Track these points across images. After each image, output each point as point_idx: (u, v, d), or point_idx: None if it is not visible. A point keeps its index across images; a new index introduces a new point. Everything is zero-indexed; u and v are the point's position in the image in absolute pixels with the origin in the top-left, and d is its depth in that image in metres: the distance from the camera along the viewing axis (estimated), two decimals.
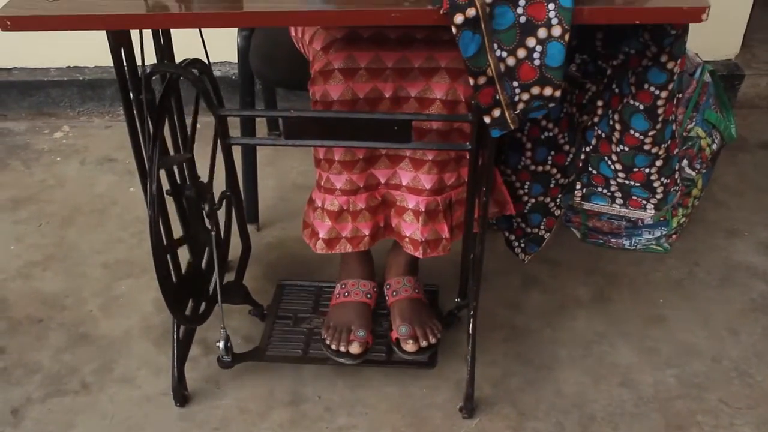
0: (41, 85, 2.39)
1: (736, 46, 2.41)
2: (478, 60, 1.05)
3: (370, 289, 1.53)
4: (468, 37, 1.02)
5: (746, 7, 2.34)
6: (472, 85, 1.07)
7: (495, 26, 1.02)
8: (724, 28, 2.32)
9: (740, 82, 2.37)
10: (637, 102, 1.27)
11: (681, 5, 1.04)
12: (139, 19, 1.07)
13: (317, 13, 1.05)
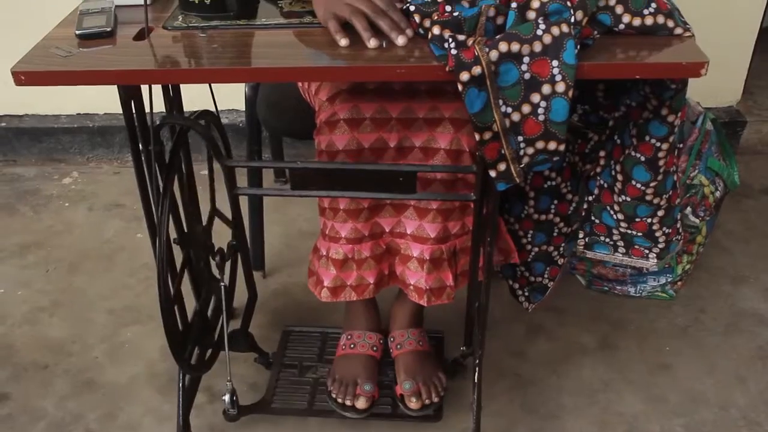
0: (52, 132, 2.43)
1: (738, 93, 2.44)
2: (483, 116, 1.07)
3: (376, 342, 1.54)
4: (474, 94, 1.04)
5: (746, 54, 2.37)
6: (477, 140, 1.09)
7: (500, 83, 1.04)
8: (726, 75, 2.35)
9: (742, 129, 2.39)
10: (639, 153, 1.28)
11: (680, 61, 1.06)
12: (150, 74, 1.10)
13: (325, 70, 1.08)
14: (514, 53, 1.02)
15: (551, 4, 1.04)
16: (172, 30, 1.19)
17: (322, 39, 1.13)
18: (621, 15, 1.10)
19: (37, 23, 2.17)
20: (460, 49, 1.02)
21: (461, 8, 1.10)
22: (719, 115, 2.37)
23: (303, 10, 1.22)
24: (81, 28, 1.17)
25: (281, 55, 1.09)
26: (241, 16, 1.21)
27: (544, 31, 1.02)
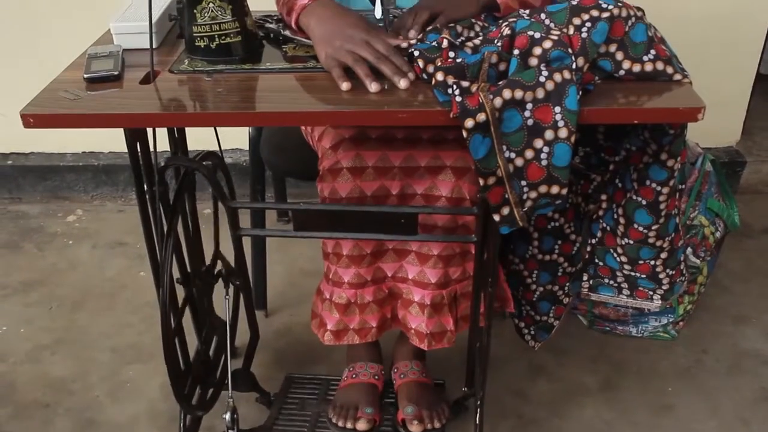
0: (57, 170, 2.45)
1: (737, 134, 2.46)
2: (488, 161, 1.08)
3: (377, 371, 1.55)
4: (478, 140, 1.06)
5: (745, 95, 2.39)
6: (481, 185, 1.11)
7: (504, 129, 1.06)
8: (725, 115, 2.38)
9: (742, 169, 2.40)
10: (640, 197, 1.30)
11: (677, 106, 1.08)
12: (155, 118, 1.12)
13: (327, 114, 1.09)
14: (518, 100, 1.04)
15: (553, 51, 1.07)
16: (179, 73, 1.21)
17: (325, 83, 1.15)
18: (621, 61, 1.12)
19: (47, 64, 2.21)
20: (465, 96, 1.04)
21: (464, 54, 1.12)
22: (719, 156, 2.38)
23: (306, 54, 1.25)
24: (89, 71, 1.20)
25: (285, 100, 1.11)
26: (246, 61, 1.23)
27: (546, 78, 1.04)
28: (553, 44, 1.07)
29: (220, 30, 1.22)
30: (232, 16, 1.21)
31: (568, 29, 1.11)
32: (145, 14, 1.19)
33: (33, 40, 2.27)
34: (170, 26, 1.40)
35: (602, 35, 1.10)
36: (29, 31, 2.26)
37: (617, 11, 1.12)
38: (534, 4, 1.29)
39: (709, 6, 2.21)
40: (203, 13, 1.21)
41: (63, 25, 2.22)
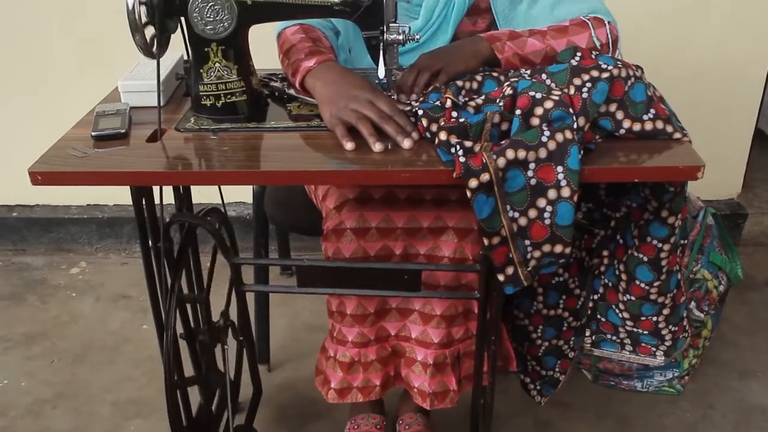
0: (61, 222, 2.46)
1: (738, 186, 2.47)
2: (492, 221, 1.09)
3: (379, 421, 1.55)
4: (482, 200, 1.07)
5: (745, 148, 2.41)
6: (486, 244, 1.11)
7: (507, 188, 1.07)
8: (725, 168, 2.40)
9: (744, 221, 2.41)
10: (641, 254, 1.30)
11: (677, 164, 1.09)
12: (161, 176, 1.13)
13: (331, 173, 1.11)
14: (521, 160, 1.05)
15: (554, 111, 1.08)
16: (185, 132, 1.23)
17: (329, 142, 1.16)
18: (621, 120, 1.13)
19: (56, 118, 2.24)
20: (468, 156, 1.05)
21: (467, 114, 1.14)
22: (720, 208, 2.39)
23: (311, 113, 1.27)
24: (97, 129, 1.22)
25: (289, 159, 1.12)
26: (251, 119, 1.25)
27: (548, 138, 1.05)
28: (554, 104, 1.09)
29: (226, 89, 1.24)
30: (237, 75, 1.24)
31: (569, 89, 1.13)
32: (153, 73, 1.21)
33: (43, 96, 2.30)
34: (177, 84, 1.42)
35: (602, 95, 1.12)
36: (39, 87, 2.29)
37: (617, 71, 1.14)
38: (534, 61, 1.31)
39: (707, 62, 2.25)
40: (210, 72, 1.23)
41: (72, 81, 2.26)
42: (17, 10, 2.19)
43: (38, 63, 2.26)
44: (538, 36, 1.32)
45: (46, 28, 2.22)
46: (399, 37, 1.19)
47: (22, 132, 2.35)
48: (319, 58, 1.26)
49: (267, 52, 1.42)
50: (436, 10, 1.46)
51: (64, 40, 2.23)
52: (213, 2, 1.17)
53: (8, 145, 2.38)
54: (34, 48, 2.24)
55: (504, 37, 1.32)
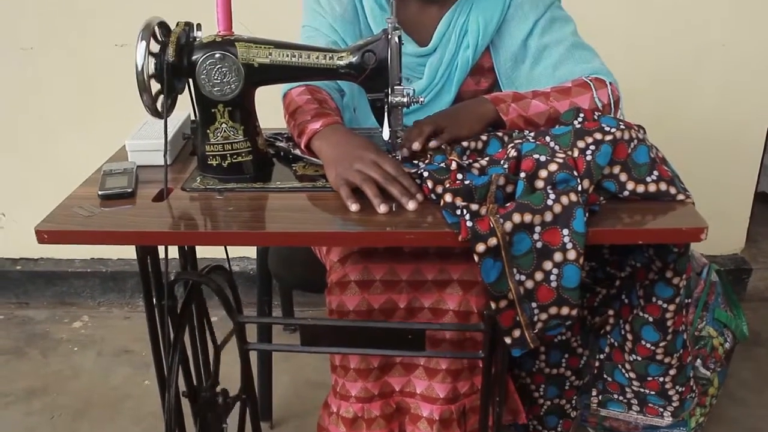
0: (65, 276, 2.46)
1: (741, 241, 2.47)
2: (499, 285, 1.09)
3: None
4: (489, 264, 1.07)
5: (747, 203, 2.42)
6: (493, 308, 1.11)
7: (514, 252, 1.07)
8: (728, 223, 2.40)
9: (748, 276, 2.41)
10: (646, 314, 1.30)
11: (680, 226, 1.10)
12: (166, 236, 1.14)
13: (335, 235, 1.12)
14: (527, 223, 1.06)
15: (558, 174, 1.09)
16: (191, 191, 1.24)
17: (333, 203, 1.17)
18: (625, 182, 1.14)
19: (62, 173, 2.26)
20: (475, 220, 1.06)
21: (472, 176, 1.15)
22: (724, 263, 2.39)
23: (316, 173, 1.28)
24: (104, 188, 1.23)
25: (294, 220, 1.13)
26: (257, 179, 1.26)
27: (554, 201, 1.06)
28: (558, 167, 1.10)
29: (232, 149, 1.25)
30: (244, 136, 1.25)
31: (573, 152, 1.14)
32: (160, 132, 1.23)
33: (49, 150, 2.32)
34: (183, 143, 1.43)
35: (606, 157, 1.13)
36: (46, 142, 2.32)
37: (620, 134, 1.15)
38: (538, 122, 1.32)
39: (708, 119, 2.27)
40: (216, 133, 1.24)
41: (79, 137, 2.28)
42: (25, 64, 2.23)
43: (45, 117, 2.29)
44: (541, 97, 1.34)
45: (54, 83, 2.25)
46: (403, 100, 1.21)
47: (28, 185, 2.37)
48: (325, 120, 1.28)
49: (272, 111, 1.43)
50: (439, 70, 1.48)
51: (71, 95, 2.26)
52: (220, 64, 1.19)
53: (13, 198, 2.40)
54: (41, 103, 2.28)
55: (508, 99, 1.33)
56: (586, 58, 1.43)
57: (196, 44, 1.21)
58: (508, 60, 1.49)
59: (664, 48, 2.20)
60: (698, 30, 2.18)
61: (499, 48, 1.49)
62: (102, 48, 2.18)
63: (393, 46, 1.19)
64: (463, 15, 1.47)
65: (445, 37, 1.48)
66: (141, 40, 1.15)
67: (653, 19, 2.17)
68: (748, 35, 2.18)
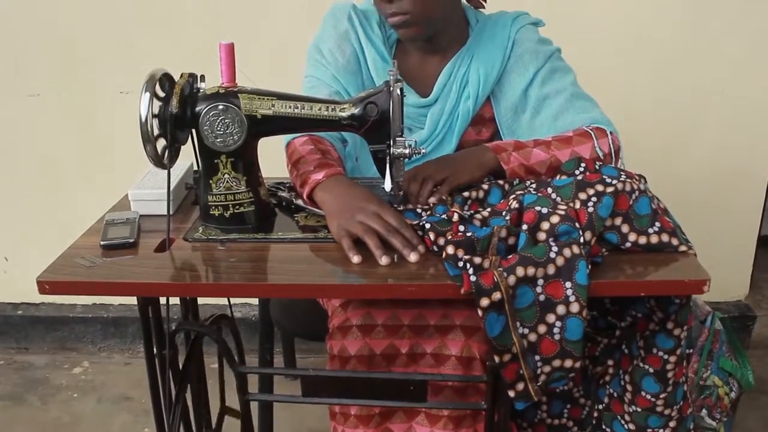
0: (66, 321, 2.46)
1: (745, 287, 2.46)
2: (503, 339, 1.09)
3: None
4: (493, 319, 1.07)
5: (750, 248, 2.42)
6: (497, 362, 1.11)
7: (517, 305, 1.07)
8: (731, 270, 2.40)
9: (753, 323, 2.39)
10: (647, 365, 1.29)
11: (683, 278, 1.10)
12: (168, 288, 1.14)
13: (337, 287, 1.12)
14: (530, 276, 1.06)
15: (560, 226, 1.09)
16: (193, 241, 1.24)
17: (335, 254, 1.17)
18: (627, 234, 1.14)
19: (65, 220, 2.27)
20: (479, 274, 1.06)
21: (474, 228, 1.16)
22: (728, 310, 2.38)
23: (318, 224, 1.28)
24: (106, 238, 1.23)
25: (296, 271, 1.13)
26: (259, 230, 1.26)
27: (556, 254, 1.06)
28: (560, 219, 1.10)
29: (235, 200, 1.26)
30: (246, 186, 1.26)
31: (575, 203, 1.14)
32: (163, 182, 1.24)
33: (53, 196, 2.34)
34: (186, 193, 1.44)
35: (608, 209, 1.13)
36: (50, 188, 2.33)
37: (621, 185, 1.15)
38: (540, 171, 1.33)
39: (709, 164, 2.28)
40: (219, 183, 1.25)
41: (83, 183, 2.30)
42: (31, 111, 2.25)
43: (49, 163, 2.31)
44: (542, 146, 1.34)
45: (59, 130, 2.27)
46: (405, 151, 1.22)
47: (31, 230, 2.38)
48: (328, 171, 1.28)
49: (275, 160, 1.44)
50: (441, 121, 1.49)
51: (76, 142, 2.28)
52: (223, 116, 1.21)
53: (16, 242, 2.41)
54: (46, 149, 2.29)
55: (509, 148, 1.34)
56: (587, 108, 1.44)
57: (200, 95, 1.22)
58: (508, 110, 1.50)
59: (663, 95, 2.22)
60: (697, 76, 2.20)
61: (500, 98, 1.50)
62: (107, 95, 2.20)
63: (395, 99, 1.20)
64: (464, 66, 1.49)
65: (446, 87, 1.50)
66: (145, 92, 1.17)
67: (651, 66, 2.19)
68: (747, 81, 2.20)
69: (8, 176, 2.33)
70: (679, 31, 2.15)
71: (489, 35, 1.50)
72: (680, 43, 2.16)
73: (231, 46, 1.23)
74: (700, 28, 2.15)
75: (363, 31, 1.49)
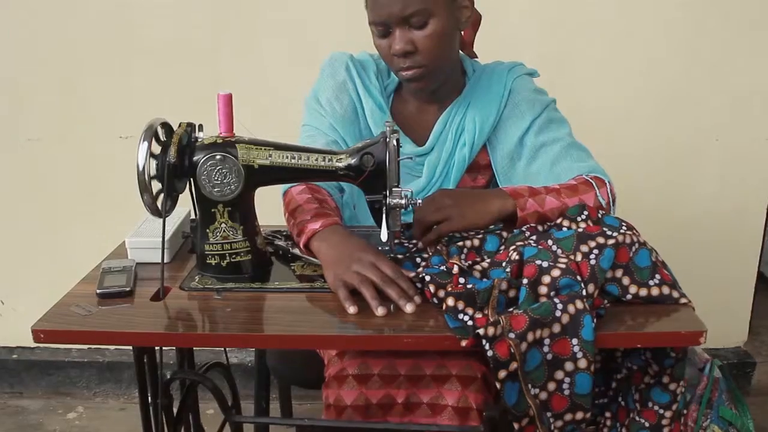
0: (61, 365, 2.44)
1: (744, 334, 2.46)
2: (520, 405, 1.09)
3: None
4: (510, 387, 1.07)
5: (748, 295, 2.41)
6: (516, 428, 1.11)
7: (526, 368, 1.07)
8: (730, 316, 2.39)
9: (752, 370, 2.38)
10: (643, 419, 1.28)
11: (679, 330, 1.10)
12: (163, 338, 1.14)
13: (333, 338, 1.12)
14: (537, 339, 1.06)
15: (561, 279, 1.10)
16: (189, 290, 1.24)
17: (332, 305, 1.17)
18: (628, 286, 1.15)
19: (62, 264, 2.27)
20: (493, 344, 1.05)
21: (474, 280, 1.16)
22: (728, 357, 2.37)
23: (314, 273, 1.28)
24: (102, 286, 1.23)
25: (292, 322, 1.13)
26: (256, 279, 1.26)
27: (562, 311, 1.06)
28: (561, 272, 1.10)
29: (231, 249, 1.26)
30: (243, 236, 1.26)
31: (576, 256, 1.14)
32: (159, 230, 1.24)
33: (50, 241, 2.34)
34: (182, 241, 1.44)
35: (609, 261, 1.14)
36: (48, 232, 2.33)
37: (621, 238, 1.16)
38: (551, 218, 1.32)
39: (705, 211, 2.29)
40: (215, 232, 1.25)
41: (81, 228, 2.30)
42: (31, 155, 2.26)
43: (47, 208, 2.31)
44: (554, 194, 1.35)
45: (58, 175, 2.28)
46: (401, 202, 1.22)
47: (28, 274, 2.37)
48: (325, 221, 1.29)
49: (272, 208, 1.44)
50: (437, 169, 1.50)
51: (75, 187, 2.29)
52: (221, 165, 1.21)
53: (13, 286, 2.40)
54: (45, 193, 2.30)
55: (525, 194, 1.33)
56: (582, 158, 1.45)
57: (198, 145, 1.23)
58: (504, 158, 1.51)
59: (658, 144, 2.23)
60: (691, 126, 2.22)
61: (496, 146, 1.51)
62: (106, 140, 2.22)
63: (391, 149, 1.21)
64: (459, 114, 1.50)
65: (443, 135, 1.51)
66: (143, 141, 1.17)
67: (646, 115, 2.21)
68: (740, 129, 2.22)
69: (6, 220, 2.33)
70: (675, 79, 2.18)
71: (485, 84, 1.52)
72: (675, 90, 2.19)
73: (229, 97, 1.25)
74: (695, 76, 2.17)
75: (360, 82, 1.51)
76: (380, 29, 1.38)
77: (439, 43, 1.37)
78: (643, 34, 2.14)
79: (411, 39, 1.36)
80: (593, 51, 2.15)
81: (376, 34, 1.40)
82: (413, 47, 1.36)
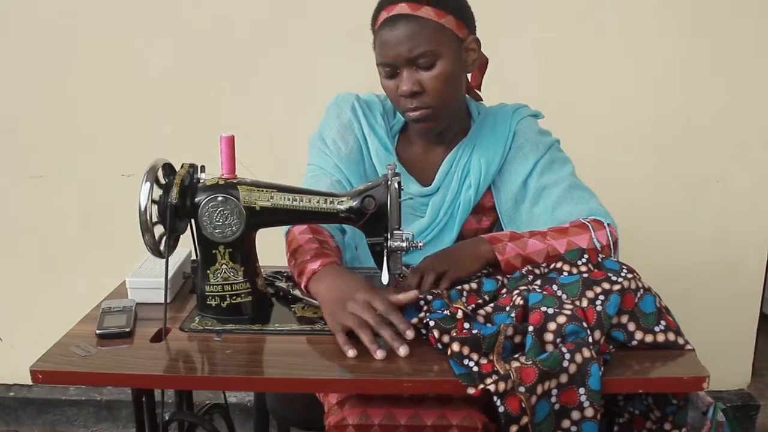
0: (59, 404, 2.42)
1: (747, 376, 2.44)
2: None
3: None
4: None
5: (751, 337, 2.40)
6: None
7: (535, 420, 1.06)
8: (732, 359, 2.37)
9: (756, 413, 2.36)
10: None
11: (681, 375, 1.09)
12: (162, 380, 1.13)
13: (332, 382, 1.11)
14: (546, 390, 1.06)
15: (567, 326, 1.09)
16: (189, 332, 1.23)
17: (331, 347, 1.16)
18: (633, 332, 1.14)
19: (60, 301, 2.27)
20: (505, 400, 1.04)
21: (479, 326, 1.15)
22: (731, 399, 2.35)
23: (314, 315, 1.28)
24: (101, 327, 1.22)
25: (292, 365, 1.12)
26: (256, 321, 1.26)
27: (569, 361, 1.06)
28: (567, 319, 1.10)
29: (232, 290, 1.25)
30: (243, 277, 1.26)
31: (581, 302, 1.14)
32: (160, 270, 1.24)
33: (50, 278, 2.34)
34: (183, 282, 1.44)
35: (615, 307, 1.13)
36: (48, 270, 2.33)
37: (627, 283, 1.16)
38: (537, 260, 1.33)
39: (706, 252, 2.29)
40: (216, 273, 1.25)
41: (81, 266, 2.30)
42: (34, 192, 2.27)
43: (49, 245, 2.32)
44: (538, 237, 1.35)
45: (61, 212, 2.29)
46: (403, 244, 1.22)
47: (27, 311, 2.37)
48: (324, 261, 1.29)
49: (274, 248, 1.44)
50: (442, 209, 1.50)
51: (76, 224, 2.29)
52: (222, 207, 1.21)
53: (12, 323, 2.40)
54: (46, 230, 2.30)
55: (505, 239, 1.35)
56: (584, 199, 1.45)
57: (200, 186, 1.23)
58: (509, 200, 1.51)
59: (660, 186, 2.24)
60: (691, 167, 2.23)
61: (501, 188, 1.52)
62: (109, 178, 2.23)
63: (392, 192, 1.21)
64: (465, 155, 1.51)
65: (448, 176, 1.51)
66: (145, 182, 1.17)
67: (647, 157, 2.22)
68: (740, 170, 2.23)
69: (7, 256, 2.33)
70: (676, 124, 2.19)
71: (490, 126, 1.52)
72: (676, 135, 2.20)
73: (231, 139, 1.25)
74: (695, 120, 2.19)
75: (366, 122, 1.52)
76: (388, 70, 1.39)
77: (446, 84, 1.38)
78: (645, 75, 2.15)
79: (418, 80, 1.37)
80: (595, 93, 2.17)
81: (384, 74, 1.41)
82: (420, 88, 1.37)
